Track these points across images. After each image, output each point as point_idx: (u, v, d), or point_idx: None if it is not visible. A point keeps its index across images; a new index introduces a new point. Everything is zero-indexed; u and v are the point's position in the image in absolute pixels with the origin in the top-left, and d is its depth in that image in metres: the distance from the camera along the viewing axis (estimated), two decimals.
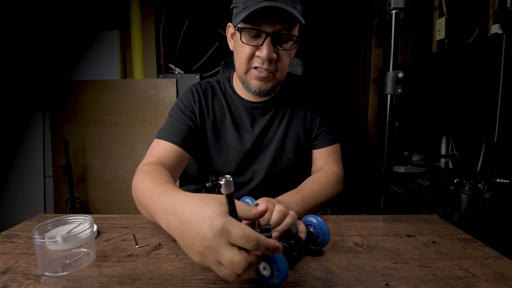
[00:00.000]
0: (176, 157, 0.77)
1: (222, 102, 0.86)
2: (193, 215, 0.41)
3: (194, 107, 0.83)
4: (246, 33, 0.71)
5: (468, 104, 1.33)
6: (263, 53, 0.70)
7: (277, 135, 0.86)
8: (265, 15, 0.67)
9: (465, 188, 1.20)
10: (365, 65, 2.51)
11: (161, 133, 0.80)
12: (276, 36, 0.70)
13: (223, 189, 0.40)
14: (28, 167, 2.34)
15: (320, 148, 0.89)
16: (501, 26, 1.27)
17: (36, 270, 0.50)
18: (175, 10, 2.54)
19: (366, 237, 0.63)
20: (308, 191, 0.74)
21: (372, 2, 2.38)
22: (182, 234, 0.42)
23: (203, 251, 0.40)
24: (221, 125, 0.85)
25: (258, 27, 0.69)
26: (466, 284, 0.46)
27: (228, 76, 0.91)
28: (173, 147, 0.77)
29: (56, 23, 2.33)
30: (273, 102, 0.86)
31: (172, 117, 0.83)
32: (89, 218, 0.54)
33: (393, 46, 0.82)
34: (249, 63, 0.74)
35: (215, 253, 0.39)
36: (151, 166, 0.67)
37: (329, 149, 0.89)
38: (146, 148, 0.81)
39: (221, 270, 0.39)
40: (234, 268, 0.38)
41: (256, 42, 0.71)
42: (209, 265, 0.40)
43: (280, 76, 0.77)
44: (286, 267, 0.43)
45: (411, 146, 2.01)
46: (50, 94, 2.22)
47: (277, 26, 0.69)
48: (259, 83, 0.76)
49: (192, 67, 2.59)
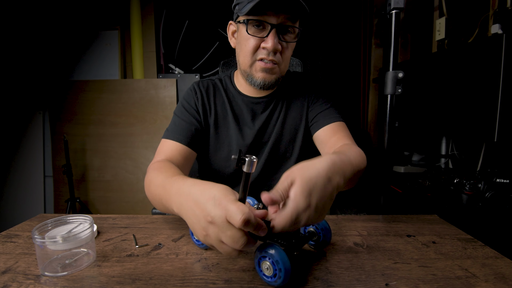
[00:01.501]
0: (184, 155, 0.79)
1: (223, 98, 0.88)
2: (202, 195, 0.44)
3: (197, 105, 0.85)
4: (251, 25, 0.73)
5: (468, 104, 1.33)
6: (269, 44, 0.72)
7: (276, 128, 0.87)
8: (270, 5, 0.69)
9: (465, 188, 1.20)
10: (365, 65, 2.51)
11: (168, 132, 0.82)
12: (280, 28, 0.72)
13: (246, 166, 0.42)
14: (28, 167, 2.34)
15: (323, 127, 0.84)
16: (501, 26, 1.27)
17: (36, 270, 0.50)
18: (175, 10, 2.54)
19: (366, 237, 0.63)
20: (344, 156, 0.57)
21: (372, 2, 2.38)
22: (191, 212, 0.45)
23: (206, 227, 0.43)
24: (223, 121, 0.87)
25: (264, 18, 0.71)
26: (466, 284, 0.46)
27: (229, 74, 0.93)
28: (179, 146, 0.79)
29: (56, 23, 2.33)
30: (273, 97, 0.88)
31: (177, 116, 0.85)
32: (89, 218, 0.54)
33: (393, 46, 0.83)
34: (254, 56, 0.76)
35: (217, 230, 0.42)
36: (161, 163, 0.69)
37: (334, 125, 0.83)
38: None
39: (223, 248, 0.42)
40: (235, 244, 0.41)
41: (261, 34, 0.73)
42: (212, 243, 0.43)
43: (283, 69, 0.79)
44: (289, 267, 0.43)
45: (411, 146, 2.01)
46: (50, 94, 2.22)
47: (281, 17, 0.71)
48: (264, 74, 0.77)
49: (192, 67, 2.59)
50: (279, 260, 0.43)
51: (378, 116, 2.42)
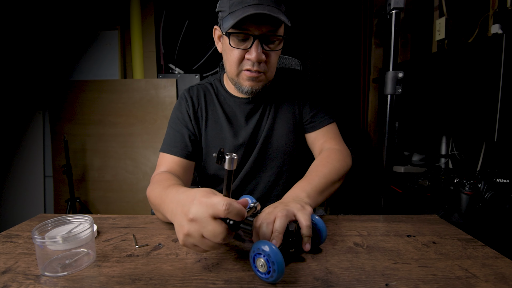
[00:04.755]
0: (182, 166, 0.82)
1: (215, 102, 0.89)
2: (186, 199, 0.48)
3: (189, 112, 0.86)
4: (235, 37, 0.73)
5: (468, 104, 1.33)
6: (253, 55, 0.72)
7: (267, 125, 0.88)
8: (251, 19, 0.69)
9: (465, 188, 1.20)
10: (365, 65, 2.51)
11: (164, 146, 0.84)
12: (263, 38, 0.73)
13: (227, 164, 0.43)
14: (28, 167, 2.34)
15: (315, 131, 0.89)
16: (501, 26, 1.27)
17: (36, 270, 0.50)
18: (175, 10, 2.54)
19: (366, 237, 0.63)
20: (315, 175, 0.74)
21: (372, 2, 2.38)
22: (177, 216, 0.48)
23: (188, 226, 0.45)
24: (215, 124, 0.87)
25: (246, 31, 0.71)
26: (466, 284, 0.46)
27: (219, 78, 0.93)
28: (176, 158, 0.82)
29: (56, 23, 2.33)
30: (264, 95, 0.88)
31: (171, 127, 0.87)
32: (89, 218, 0.54)
33: (393, 46, 0.82)
34: (239, 66, 0.76)
35: (198, 226, 0.44)
36: (161, 175, 0.73)
37: (324, 129, 0.89)
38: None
39: (204, 243, 0.45)
40: (216, 238, 0.43)
41: (244, 45, 0.74)
42: (193, 241, 0.46)
43: (270, 75, 0.80)
44: (282, 263, 0.44)
45: (411, 146, 2.01)
46: (50, 94, 2.22)
47: (264, 28, 0.71)
48: (250, 83, 0.78)
49: (192, 67, 2.58)
50: (272, 257, 0.44)
51: (378, 116, 2.42)
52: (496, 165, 1.41)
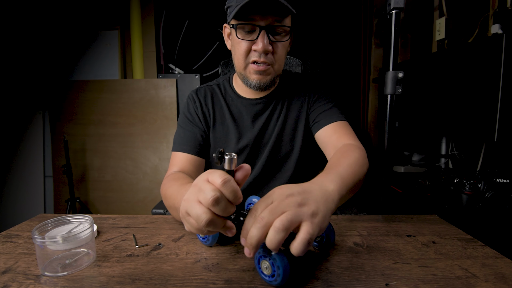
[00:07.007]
0: (194, 164, 0.83)
1: (221, 103, 0.89)
2: None
3: (198, 113, 0.87)
4: (241, 29, 0.74)
5: (468, 104, 1.33)
6: (259, 46, 0.72)
7: (276, 128, 0.87)
8: (256, 8, 0.69)
9: (465, 188, 1.20)
10: (365, 65, 2.51)
11: (175, 145, 0.85)
12: (269, 29, 0.73)
13: (226, 164, 0.42)
14: (28, 167, 2.34)
15: (324, 126, 0.83)
16: (501, 26, 1.27)
17: (36, 270, 0.50)
18: (175, 10, 2.54)
19: (366, 237, 0.63)
20: (339, 165, 0.61)
21: (372, 2, 2.38)
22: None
23: (188, 192, 0.44)
24: (222, 125, 0.87)
25: (251, 21, 0.71)
26: (466, 284, 0.46)
27: (228, 78, 0.93)
28: (188, 156, 0.82)
29: (56, 23, 2.33)
30: (272, 97, 0.88)
31: (181, 127, 0.87)
32: (89, 218, 0.54)
33: (393, 46, 0.82)
34: (246, 58, 0.76)
35: (195, 189, 0.43)
36: (174, 175, 0.73)
37: (335, 125, 0.82)
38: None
39: (189, 222, 0.43)
40: (199, 219, 0.41)
41: (251, 37, 0.74)
42: (188, 209, 0.43)
43: (277, 69, 0.79)
44: (287, 267, 0.43)
45: (411, 146, 2.01)
46: (50, 94, 2.22)
47: (269, 18, 0.71)
48: (258, 76, 0.78)
49: (192, 67, 2.58)
50: (278, 261, 0.43)
51: (378, 116, 2.42)
52: (496, 165, 1.41)
